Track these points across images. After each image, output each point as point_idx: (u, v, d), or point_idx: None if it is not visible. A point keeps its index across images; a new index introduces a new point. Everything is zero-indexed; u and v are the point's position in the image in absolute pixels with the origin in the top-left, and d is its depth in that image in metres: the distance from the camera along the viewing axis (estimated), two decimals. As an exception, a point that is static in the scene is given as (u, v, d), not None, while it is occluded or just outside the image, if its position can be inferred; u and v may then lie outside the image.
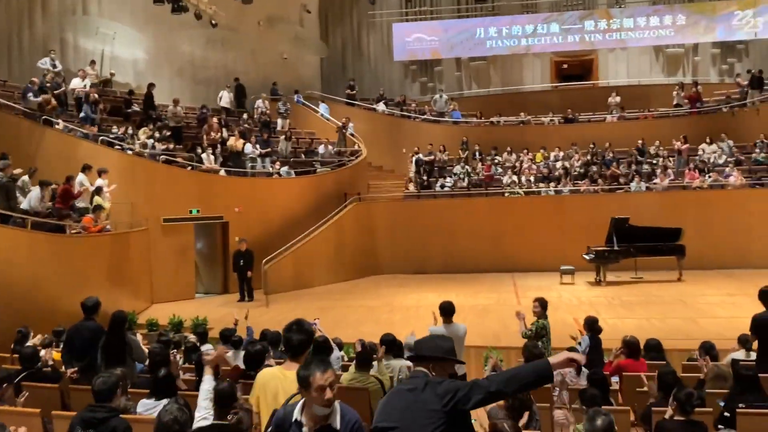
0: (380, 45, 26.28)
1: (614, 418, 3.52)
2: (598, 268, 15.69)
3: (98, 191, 12.63)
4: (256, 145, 18.35)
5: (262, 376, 3.76)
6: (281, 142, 19.54)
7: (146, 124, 16.82)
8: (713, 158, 18.80)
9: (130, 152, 15.15)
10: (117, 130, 15.67)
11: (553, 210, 18.06)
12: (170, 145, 16.26)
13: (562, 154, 20.37)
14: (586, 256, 15.70)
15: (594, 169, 19.17)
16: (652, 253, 15.53)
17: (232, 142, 17.67)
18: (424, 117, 22.61)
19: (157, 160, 15.59)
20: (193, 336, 8.90)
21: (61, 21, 18.30)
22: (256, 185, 17.30)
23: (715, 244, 16.78)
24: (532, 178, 19.38)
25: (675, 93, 21.38)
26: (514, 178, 19.45)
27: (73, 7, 18.58)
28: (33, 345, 7.37)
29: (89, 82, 16.18)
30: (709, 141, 19.36)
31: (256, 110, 20.74)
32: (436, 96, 23.25)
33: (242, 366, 6.33)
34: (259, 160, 18.18)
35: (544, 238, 17.58)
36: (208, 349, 7.93)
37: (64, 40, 18.31)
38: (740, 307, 11.41)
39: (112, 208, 13.15)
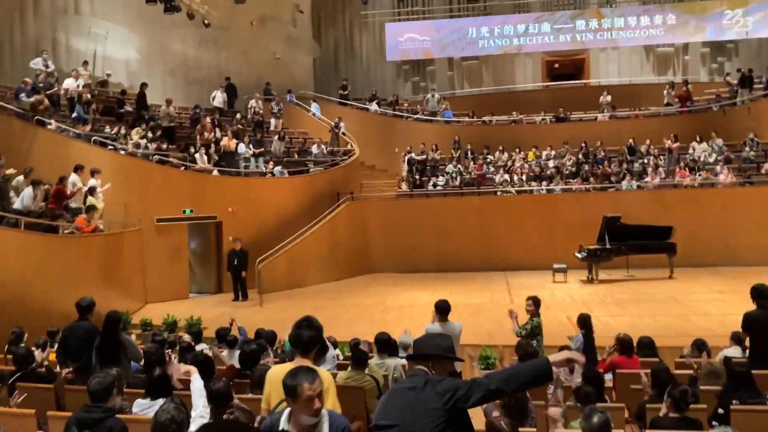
0: (373, 45, 26.30)
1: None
2: (590, 267, 15.77)
3: (91, 191, 12.59)
4: (250, 144, 18.39)
5: (273, 372, 3.76)
6: (274, 141, 19.54)
7: (139, 124, 16.77)
8: (703, 157, 18.93)
9: (122, 152, 15.10)
10: (110, 130, 15.62)
11: (545, 209, 18.14)
12: (163, 145, 16.22)
13: (554, 153, 20.46)
14: (579, 255, 15.77)
15: (585, 167, 19.27)
16: (643, 251, 15.66)
17: (226, 142, 17.65)
18: (417, 116, 22.65)
19: (150, 160, 15.56)
20: (187, 336, 8.91)
21: (53, 21, 18.24)
22: (249, 185, 17.29)
23: (706, 241, 16.91)
24: (524, 177, 19.48)
25: (665, 92, 21.51)
26: (506, 177, 19.52)
27: (65, 7, 18.50)
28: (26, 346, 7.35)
29: (82, 82, 16.11)
30: (699, 140, 19.49)
31: (250, 110, 20.73)
32: (429, 95, 23.34)
33: (237, 365, 6.36)
34: (253, 160, 18.21)
35: (537, 237, 17.67)
36: (204, 348, 7.96)
37: (56, 40, 18.25)
38: (731, 304, 11.50)
39: (105, 209, 13.10)
